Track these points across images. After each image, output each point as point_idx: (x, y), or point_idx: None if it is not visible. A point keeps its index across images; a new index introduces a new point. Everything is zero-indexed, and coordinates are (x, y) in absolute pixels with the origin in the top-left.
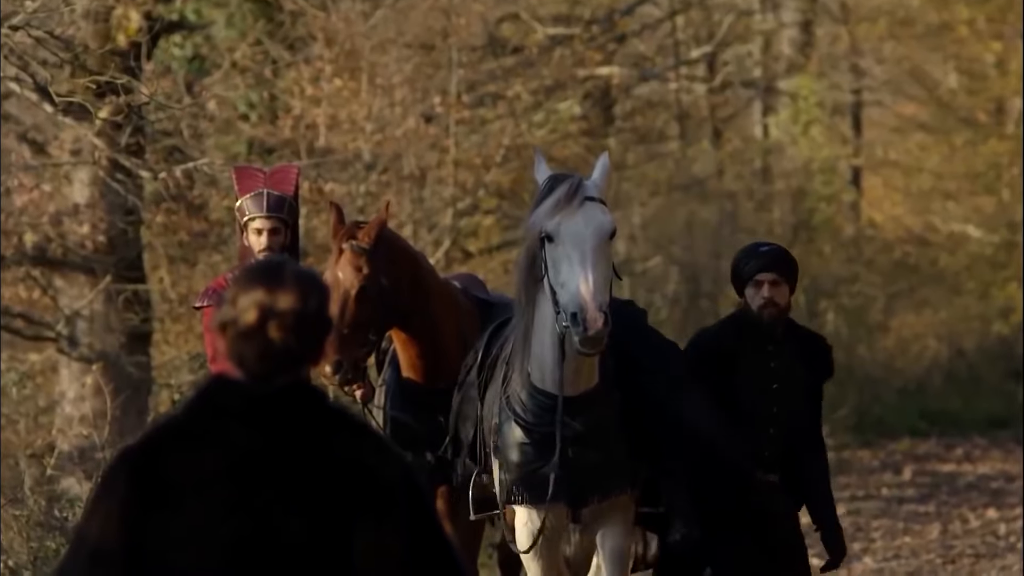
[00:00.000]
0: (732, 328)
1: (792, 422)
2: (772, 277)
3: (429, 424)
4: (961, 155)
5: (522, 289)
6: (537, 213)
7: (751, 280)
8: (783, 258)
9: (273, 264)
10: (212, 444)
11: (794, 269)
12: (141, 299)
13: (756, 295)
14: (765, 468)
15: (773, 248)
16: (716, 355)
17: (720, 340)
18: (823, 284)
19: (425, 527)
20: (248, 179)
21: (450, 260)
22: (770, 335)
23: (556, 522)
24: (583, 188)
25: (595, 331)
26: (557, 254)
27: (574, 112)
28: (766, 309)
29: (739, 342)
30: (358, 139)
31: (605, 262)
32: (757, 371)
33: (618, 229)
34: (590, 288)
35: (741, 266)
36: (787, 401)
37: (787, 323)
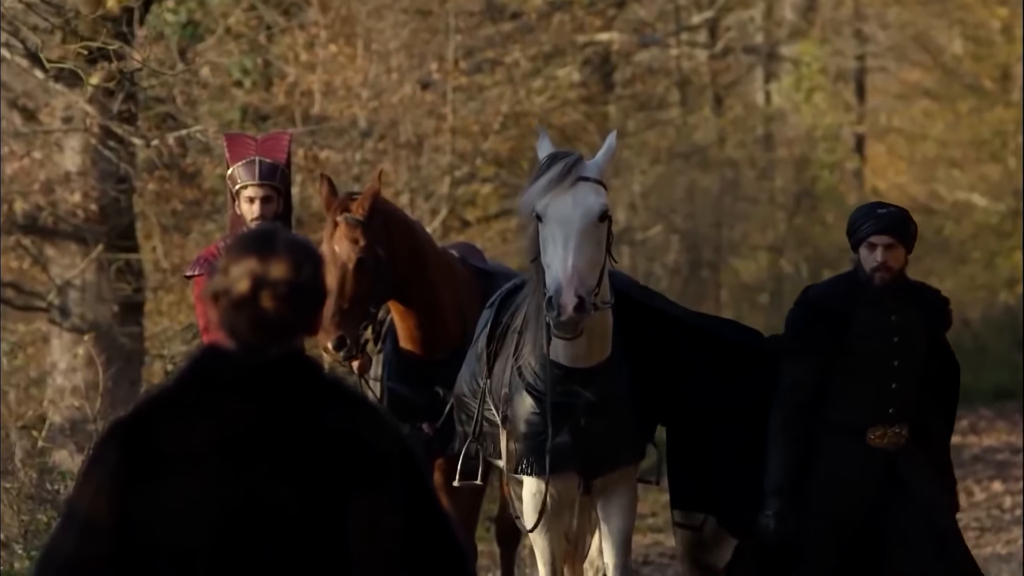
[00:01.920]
0: (843, 286)
1: (916, 375)
2: (887, 240)
3: (427, 395)
4: (966, 122)
5: (532, 264)
6: (530, 192)
7: (865, 241)
8: (900, 222)
9: (265, 232)
10: (204, 416)
11: (912, 232)
12: (133, 269)
13: (869, 257)
14: (890, 422)
15: (891, 211)
16: (827, 313)
17: (830, 298)
18: (826, 253)
19: (421, 500)
20: (240, 146)
21: (447, 229)
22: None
23: (564, 493)
24: (579, 167)
25: (566, 317)
26: (545, 234)
27: (573, 79)
28: (878, 272)
29: (851, 300)
30: (354, 106)
31: (592, 245)
32: (874, 327)
33: (618, 198)
34: (568, 272)
35: (857, 226)
36: (908, 354)
37: (905, 280)
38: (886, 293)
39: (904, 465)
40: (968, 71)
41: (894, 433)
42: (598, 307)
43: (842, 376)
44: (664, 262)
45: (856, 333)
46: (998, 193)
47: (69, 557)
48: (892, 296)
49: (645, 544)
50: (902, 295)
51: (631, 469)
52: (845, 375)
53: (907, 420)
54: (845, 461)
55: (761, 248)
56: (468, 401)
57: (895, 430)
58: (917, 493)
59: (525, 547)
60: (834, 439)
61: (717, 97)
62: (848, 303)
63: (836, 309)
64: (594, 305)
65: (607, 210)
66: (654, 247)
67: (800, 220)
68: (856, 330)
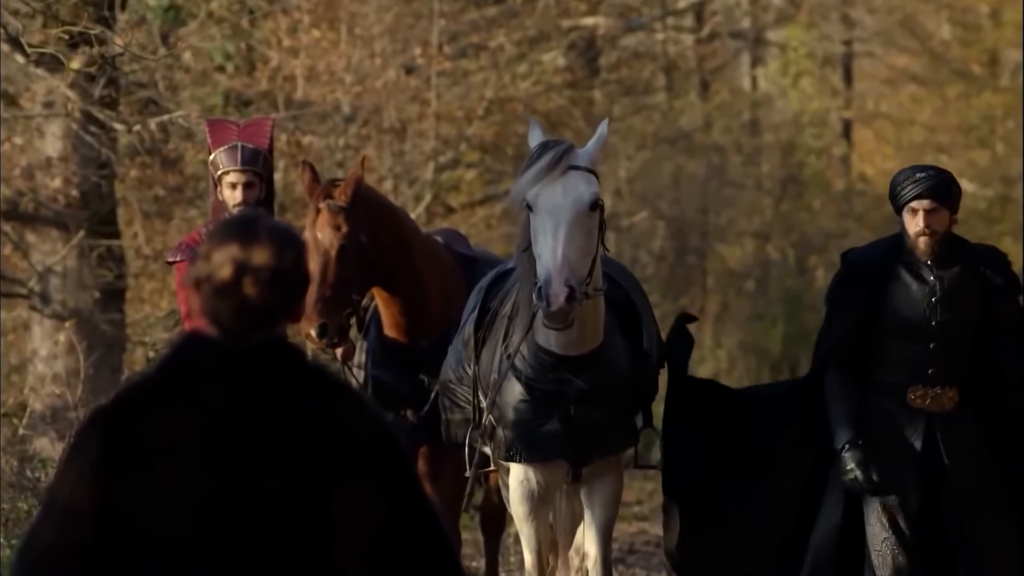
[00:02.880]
0: (884, 248)
1: (962, 337)
2: (929, 204)
3: (411, 383)
4: (954, 108)
5: (523, 254)
6: (521, 181)
7: (907, 207)
8: (942, 184)
9: (247, 218)
10: (186, 403)
11: (954, 193)
12: (115, 255)
13: (912, 222)
14: (930, 383)
15: (930, 173)
16: (864, 273)
17: (869, 259)
18: (813, 240)
19: (405, 488)
20: (222, 132)
21: (431, 215)
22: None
23: (552, 481)
24: (569, 156)
25: (556, 307)
26: (536, 224)
27: (558, 64)
28: (922, 237)
29: (890, 261)
30: (337, 91)
31: (583, 234)
32: (912, 287)
33: (604, 184)
34: (557, 262)
35: (897, 191)
36: (950, 315)
37: (953, 240)
38: (932, 255)
39: (948, 430)
40: (956, 56)
41: (935, 394)
42: (589, 295)
43: (882, 336)
44: (650, 248)
45: (893, 293)
46: (986, 179)
47: (50, 546)
48: (937, 258)
49: (630, 533)
50: (949, 256)
51: (619, 457)
52: (884, 335)
53: (952, 382)
54: (889, 422)
55: (747, 234)
56: (454, 387)
57: (936, 391)
58: (959, 464)
59: (509, 535)
60: (878, 400)
61: (703, 82)
62: (886, 264)
63: (873, 270)
64: (585, 294)
65: (598, 199)
66: (640, 233)
67: (787, 206)
68: (893, 290)
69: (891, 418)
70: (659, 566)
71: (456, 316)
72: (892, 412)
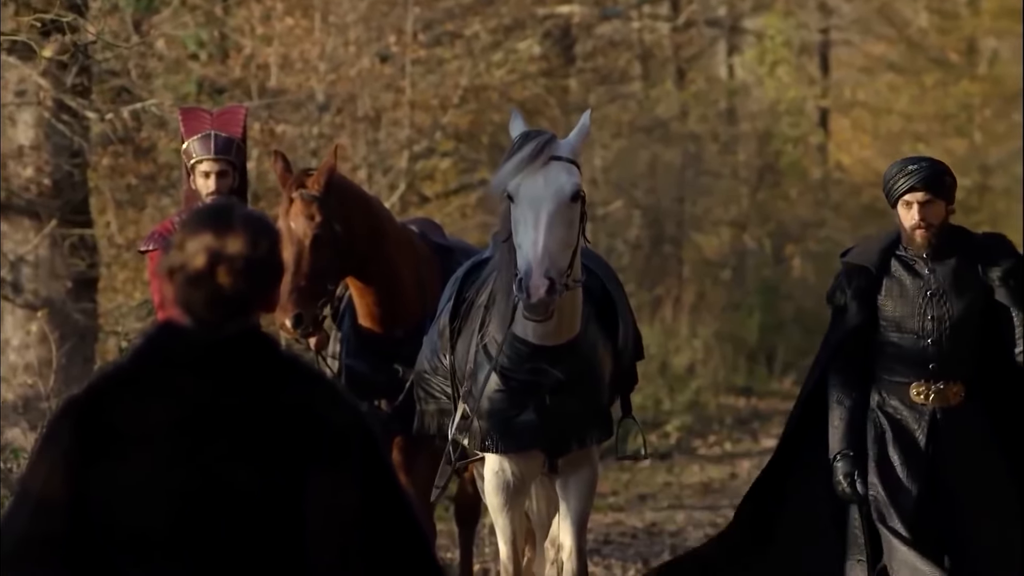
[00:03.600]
0: (880, 242)
1: (964, 330)
2: (922, 196)
3: (385, 373)
4: (931, 96)
5: (504, 245)
6: (502, 171)
7: (900, 200)
8: (934, 175)
9: (221, 207)
10: (160, 393)
11: (948, 184)
12: (87, 244)
13: (907, 215)
14: (932, 378)
15: (923, 165)
16: (858, 271)
17: (862, 255)
18: (790, 229)
19: (380, 478)
20: (195, 120)
21: (406, 204)
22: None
23: (528, 472)
24: (551, 147)
25: (537, 299)
26: (516, 215)
27: (534, 52)
28: (918, 230)
29: (885, 256)
30: (311, 79)
31: (564, 226)
32: (905, 282)
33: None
34: (538, 254)
35: (890, 185)
36: (948, 309)
37: (952, 231)
38: (928, 248)
39: (953, 426)
40: (933, 44)
41: (939, 390)
42: (569, 287)
43: (882, 334)
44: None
45: (889, 289)
46: (964, 168)
47: (22, 536)
48: (934, 251)
49: (606, 523)
50: (947, 249)
51: (595, 448)
52: (885, 332)
53: (956, 376)
54: (894, 419)
55: (724, 223)
56: (429, 378)
57: (939, 386)
58: (963, 461)
59: (484, 526)
60: (884, 398)
61: (679, 70)
62: (881, 259)
63: (867, 266)
64: (565, 285)
65: (580, 190)
66: (615, 222)
67: (763, 195)
68: (889, 286)
69: (896, 416)
70: (635, 557)
71: (431, 306)
72: (897, 409)
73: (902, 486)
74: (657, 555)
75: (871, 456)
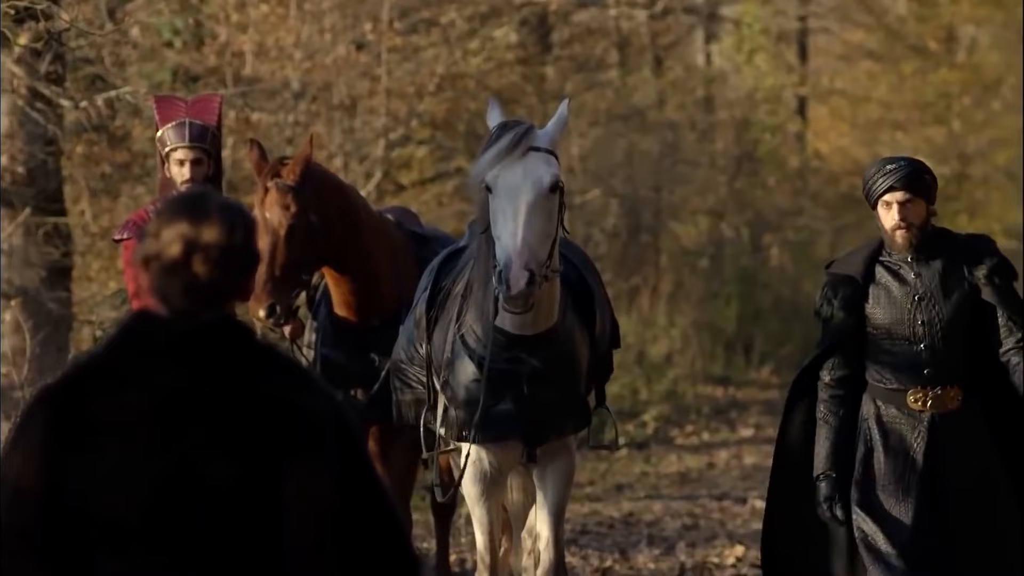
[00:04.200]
0: (864, 250)
1: (955, 332)
2: (902, 196)
3: (362, 362)
4: (910, 84)
5: (481, 237)
6: (480, 162)
7: (880, 200)
8: (914, 174)
9: (197, 196)
10: (135, 383)
11: (929, 182)
12: (61, 233)
13: (887, 216)
14: (928, 384)
15: (902, 164)
16: (843, 280)
17: (847, 264)
18: (768, 218)
19: (356, 468)
20: (169, 108)
21: (382, 192)
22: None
23: (505, 462)
24: (529, 137)
25: (516, 291)
26: (495, 206)
27: (510, 40)
28: (899, 231)
29: (869, 263)
30: (286, 67)
31: (543, 217)
32: (892, 288)
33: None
34: (517, 246)
35: (869, 186)
36: (938, 312)
37: (935, 233)
38: (911, 250)
39: (951, 432)
40: (912, 32)
41: (936, 395)
42: (548, 278)
43: (873, 342)
44: (603, 226)
45: (876, 297)
46: (943, 156)
47: None
48: (918, 252)
49: (583, 513)
50: (931, 251)
51: (573, 438)
52: (875, 341)
53: (952, 381)
54: (892, 428)
55: (701, 212)
56: (405, 367)
57: (936, 392)
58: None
59: (460, 516)
60: (880, 407)
61: (657, 58)
62: (866, 267)
63: (852, 275)
64: (544, 276)
65: (558, 181)
66: (592, 211)
67: (741, 183)
68: (875, 294)
69: (894, 424)
70: (612, 547)
71: (407, 295)
72: (895, 418)
73: (895, 503)
74: (634, 545)
75: (859, 472)
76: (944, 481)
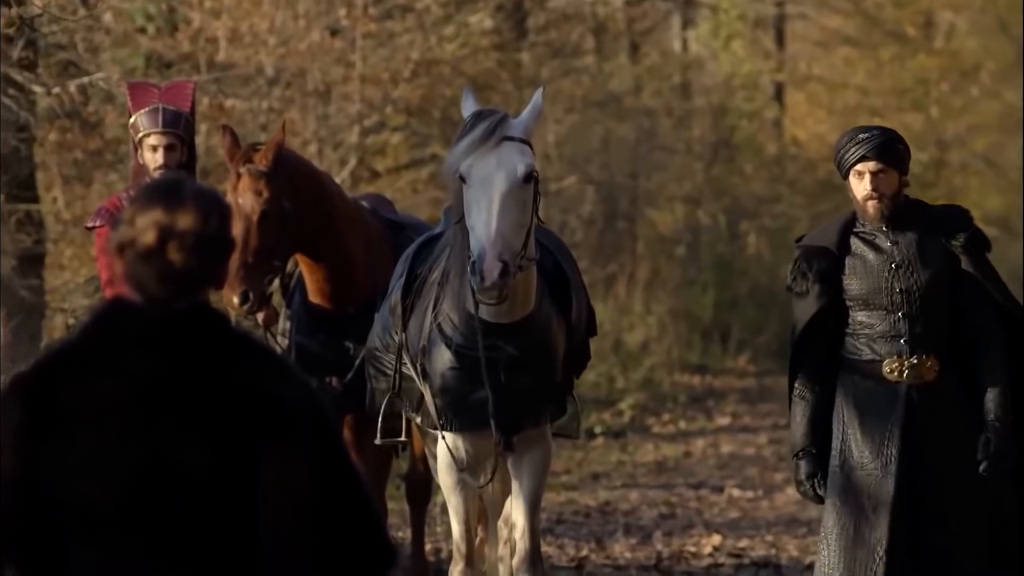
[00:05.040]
0: (838, 222)
1: (932, 301)
2: (874, 166)
3: (336, 350)
4: (888, 70)
5: (456, 227)
6: (454, 152)
7: (852, 170)
8: (886, 143)
9: (172, 182)
10: (109, 371)
11: (901, 152)
12: (34, 220)
13: (859, 186)
14: (904, 353)
15: (874, 133)
16: (817, 252)
17: (820, 236)
18: (745, 204)
19: (331, 456)
20: (142, 94)
21: (356, 179)
22: (881, 220)
23: (482, 450)
24: (503, 127)
25: (490, 282)
26: (469, 197)
27: (486, 25)
28: (870, 201)
29: (844, 233)
30: (260, 53)
31: (518, 207)
32: (867, 257)
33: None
34: (491, 237)
35: (841, 155)
36: (915, 281)
37: (909, 204)
38: (883, 220)
39: (928, 403)
40: (890, 18)
41: (911, 365)
42: (523, 268)
43: (850, 314)
44: (579, 213)
45: (851, 268)
46: (920, 143)
47: None
48: (891, 222)
49: (560, 502)
50: (905, 220)
51: (549, 427)
52: (852, 312)
53: (929, 350)
54: (869, 401)
55: (678, 199)
56: (380, 355)
57: (913, 361)
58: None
59: (436, 505)
60: (857, 380)
61: (633, 44)
62: (840, 238)
63: (826, 247)
64: (519, 267)
65: (533, 170)
66: (568, 198)
67: (718, 170)
68: (851, 264)
69: (871, 397)
70: (588, 536)
71: (383, 282)
72: (871, 391)
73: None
74: (610, 534)
75: (835, 456)
76: (924, 459)
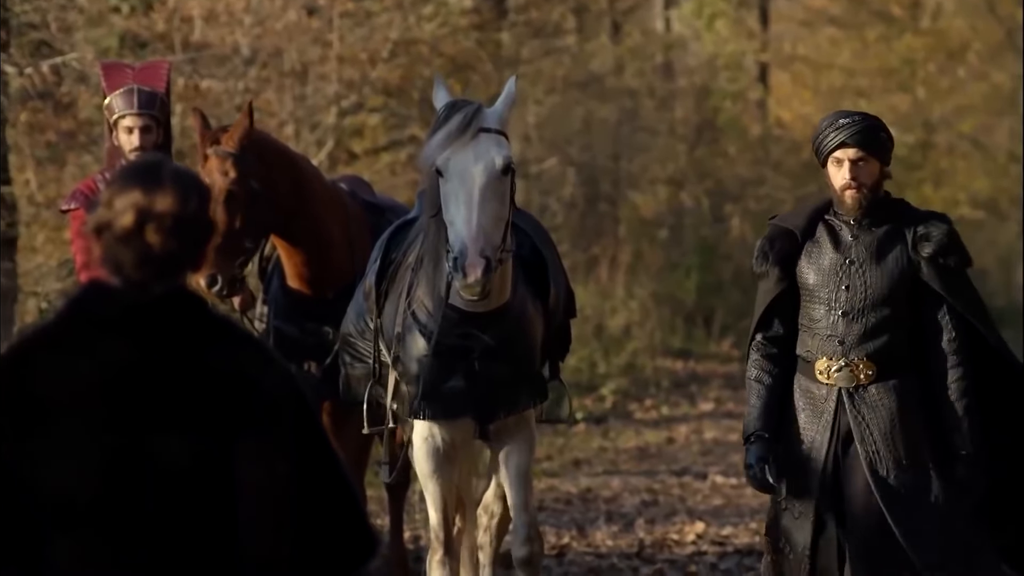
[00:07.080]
0: (809, 207)
1: (883, 304)
2: (855, 154)
3: (315, 335)
4: (874, 51)
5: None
6: (429, 145)
7: (831, 157)
8: (868, 131)
9: (150, 164)
10: (86, 356)
11: (883, 141)
12: (6, 202)
13: (837, 174)
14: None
15: (857, 119)
16: (780, 235)
17: (786, 219)
18: (728, 187)
19: (312, 442)
20: (117, 75)
21: (334, 161)
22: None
23: (458, 438)
24: (479, 118)
25: (473, 279)
26: (447, 190)
27: (465, 5)
28: (848, 190)
29: (811, 220)
30: (236, 33)
31: (497, 200)
32: (825, 248)
33: (512, 129)
34: (472, 233)
35: (820, 140)
36: (867, 280)
37: (890, 201)
38: (859, 211)
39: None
40: None
41: (840, 368)
42: (503, 260)
43: (801, 305)
44: (560, 196)
45: (809, 257)
46: (907, 124)
47: None
48: (863, 216)
49: (541, 489)
50: (878, 216)
51: (529, 413)
52: (803, 301)
53: (865, 355)
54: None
55: (660, 181)
56: (355, 341)
57: (841, 364)
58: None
59: (415, 492)
60: (799, 374)
61: (615, 24)
62: (808, 222)
63: (791, 229)
64: (499, 260)
65: (510, 162)
66: (549, 180)
67: (701, 152)
68: (809, 253)
69: (807, 397)
70: (569, 523)
71: (362, 266)
72: (807, 390)
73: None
74: (592, 521)
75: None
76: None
